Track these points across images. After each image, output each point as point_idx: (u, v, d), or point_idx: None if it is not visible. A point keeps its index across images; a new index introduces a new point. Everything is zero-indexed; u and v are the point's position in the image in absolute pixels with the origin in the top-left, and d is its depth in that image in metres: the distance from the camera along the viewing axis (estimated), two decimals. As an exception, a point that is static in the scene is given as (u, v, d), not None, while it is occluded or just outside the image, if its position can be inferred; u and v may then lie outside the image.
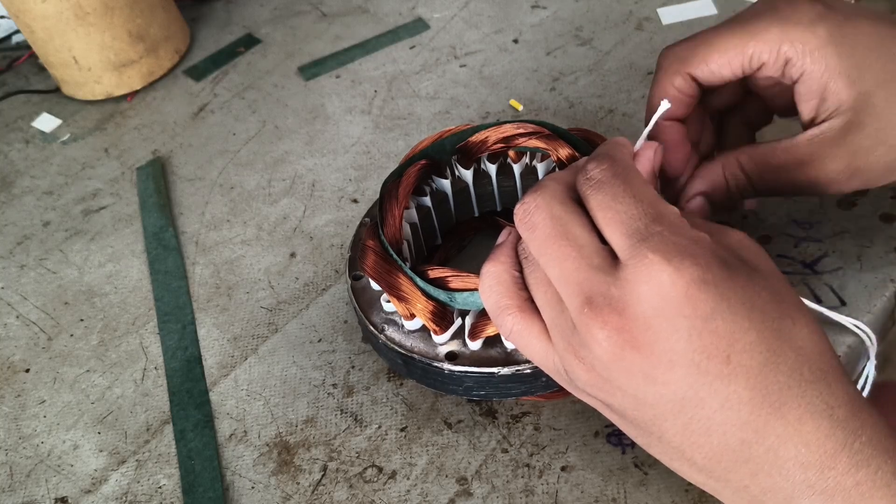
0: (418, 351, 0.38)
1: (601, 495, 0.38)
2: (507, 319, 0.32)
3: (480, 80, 0.63)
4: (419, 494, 0.40)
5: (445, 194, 0.46)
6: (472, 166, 0.45)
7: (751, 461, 0.27)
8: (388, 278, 0.38)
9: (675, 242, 0.27)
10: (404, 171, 0.42)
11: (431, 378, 0.39)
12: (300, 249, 0.53)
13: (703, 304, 0.26)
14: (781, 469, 0.26)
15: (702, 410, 0.27)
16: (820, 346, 0.28)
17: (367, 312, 0.41)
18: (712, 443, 0.27)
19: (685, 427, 0.27)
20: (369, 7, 0.74)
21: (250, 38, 0.74)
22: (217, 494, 0.41)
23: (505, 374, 0.37)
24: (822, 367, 0.27)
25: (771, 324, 0.27)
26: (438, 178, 0.45)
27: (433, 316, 0.37)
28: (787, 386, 0.26)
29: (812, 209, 0.47)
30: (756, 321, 0.27)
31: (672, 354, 0.26)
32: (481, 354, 0.37)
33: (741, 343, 0.26)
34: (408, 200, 0.42)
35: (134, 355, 0.50)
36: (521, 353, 0.37)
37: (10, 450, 0.46)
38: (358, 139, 0.61)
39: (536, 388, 0.37)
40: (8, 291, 0.56)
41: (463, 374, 0.37)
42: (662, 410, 0.28)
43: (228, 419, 0.45)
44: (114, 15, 0.65)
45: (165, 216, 0.58)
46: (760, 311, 0.27)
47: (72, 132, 0.68)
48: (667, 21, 0.64)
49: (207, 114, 0.67)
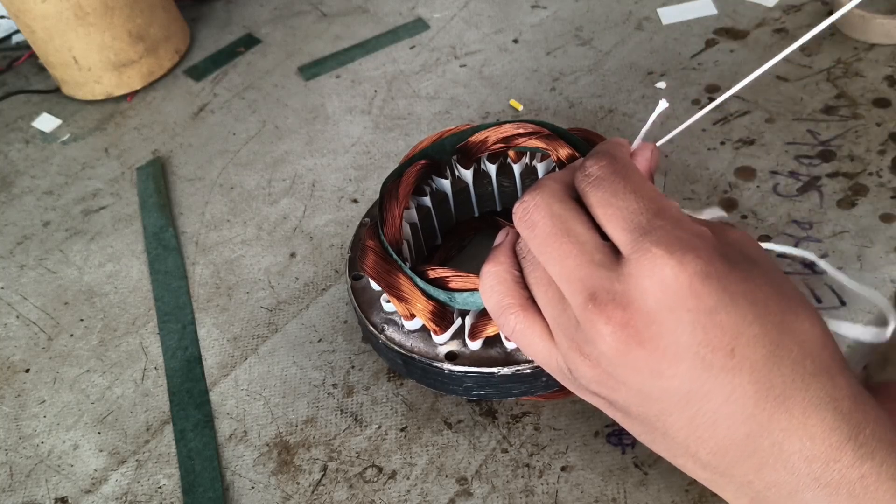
0: (418, 351, 0.38)
1: (601, 495, 0.38)
2: (509, 319, 0.31)
3: (480, 80, 0.63)
4: (419, 494, 0.40)
5: (445, 194, 0.46)
6: (472, 166, 0.45)
7: (756, 455, 0.27)
8: (387, 278, 0.38)
9: (678, 236, 0.27)
10: (404, 171, 0.42)
11: (431, 378, 0.39)
12: (300, 249, 0.53)
13: (706, 297, 0.26)
14: (786, 463, 0.26)
15: (707, 404, 0.27)
16: (823, 340, 0.28)
17: (367, 312, 0.41)
18: (717, 437, 0.27)
19: (690, 421, 0.27)
20: (369, 7, 0.74)
21: (250, 38, 0.74)
22: (217, 494, 0.41)
23: (505, 374, 0.37)
24: (825, 360, 0.27)
25: (773, 317, 0.27)
26: (438, 178, 0.45)
27: (433, 316, 0.37)
28: (791, 379, 0.26)
29: (812, 209, 0.47)
30: (759, 315, 0.27)
31: (677, 348, 0.26)
32: (481, 354, 0.37)
33: (745, 336, 0.26)
34: (408, 200, 0.42)
35: (134, 355, 0.50)
36: (521, 354, 0.37)
37: (10, 450, 0.46)
38: (358, 139, 0.61)
39: (536, 388, 0.37)
40: (8, 291, 0.56)
41: (463, 374, 0.37)
42: (668, 405, 0.27)
43: (228, 419, 0.45)
44: (114, 15, 0.65)
45: (165, 216, 0.58)
46: (763, 304, 0.27)
47: (72, 132, 0.68)
48: (667, 21, 0.64)
49: (207, 114, 0.67)
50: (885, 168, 0.48)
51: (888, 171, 0.48)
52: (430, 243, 0.47)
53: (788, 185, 0.49)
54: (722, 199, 0.49)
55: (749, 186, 0.49)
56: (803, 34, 0.62)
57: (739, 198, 0.49)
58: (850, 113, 0.52)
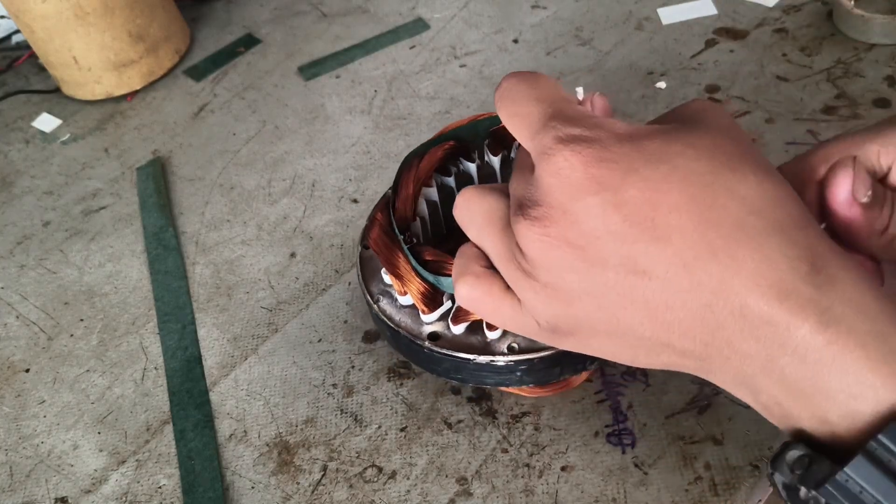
0: (405, 326, 0.39)
1: (601, 495, 0.38)
2: (461, 287, 0.32)
3: (480, 80, 0.63)
4: (419, 494, 0.40)
5: (471, 177, 0.46)
6: (501, 153, 0.45)
7: (722, 327, 0.26)
8: (388, 254, 0.39)
9: (569, 133, 0.28)
10: (428, 149, 0.43)
11: (414, 355, 0.39)
12: (300, 249, 0.53)
13: (608, 179, 0.26)
14: (753, 330, 0.25)
15: (651, 282, 0.26)
16: (775, 195, 0.26)
17: (367, 281, 0.41)
18: (679, 317, 0.26)
19: (646, 309, 0.27)
20: (369, 7, 0.74)
21: (250, 38, 0.74)
22: (217, 494, 0.41)
23: (479, 363, 0.37)
24: (779, 217, 0.26)
25: (699, 179, 0.26)
26: (466, 161, 0.45)
27: (423, 297, 0.38)
28: (735, 239, 0.25)
29: (812, 209, 0.47)
30: (681, 179, 0.26)
31: (596, 235, 0.26)
32: (462, 340, 0.38)
33: (664, 205, 0.26)
34: (428, 179, 0.42)
35: (134, 355, 0.50)
36: (498, 345, 0.37)
37: (10, 450, 0.46)
38: (358, 139, 0.61)
39: (511, 381, 0.38)
40: (8, 291, 0.56)
41: (441, 356, 0.38)
42: (617, 297, 0.27)
43: (228, 419, 0.45)
44: (114, 15, 0.65)
45: (165, 216, 0.58)
46: (683, 169, 0.26)
47: (72, 132, 0.68)
48: (667, 21, 0.64)
49: (207, 114, 0.67)
50: (885, 168, 0.48)
51: (888, 171, 0.48)
52: (452, 223, 0.47)
53: (788, 185, 0.49)
54: (722, 199, 0.49)
55: (749, 186, 0.49)
56: (803, 34, 0.62)
57: (739, 198, 0.49)
58: (850, 113, 0.52)
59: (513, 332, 0.37)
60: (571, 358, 0.36)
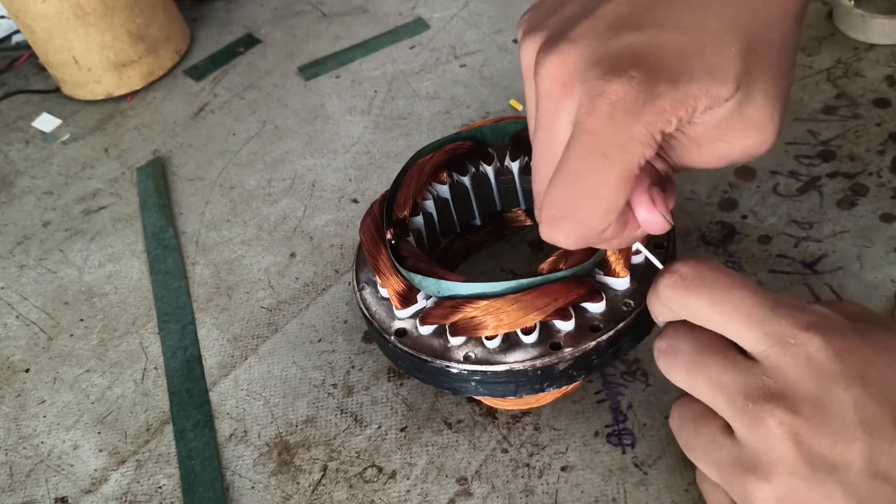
0: (378, 318, 0.39)
1: (601, 495, 0.38)
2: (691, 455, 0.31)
3: (480, 80, 0.63)
4: (419, 494, 0.40)
5: (488, 178, 0.45)
6: (521, 158, 0.44)
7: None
8: (372, 247, 0.39)
9: (808, 320, 0.27)
10: (441, 146, 0.42)
11: (383, 348, 0.39)
12: (300, 249, 0.53)
13: (853, 372, 0.26)
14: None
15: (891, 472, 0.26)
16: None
17: (358, 267, 0.41)
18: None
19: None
20: (369, 7, 0.74)
21: (250, 38, 0.74)
22: (217, 494, 0.41)
23: (436, 366, 0.37)
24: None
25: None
26: (484, 163, 0.44)
27: (398, 295, 0.38)
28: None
29: (812, 209, 0.47)
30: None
31: (844, 425, 0.26)
32: (425, 341, 0.37)
33: (892, 401, 0.26)
34: (437, 176, 0.42)
35: (134, 355, 0.50)
36: (455, 352, 0.36)
37: (10, 450, 0.46)
38: (358, 139, 0.61)
39: (467, 389, 0.37)
40: (8, 291, 0.56)
41: (403, 353, 0.37)
42: (852, 478, 0.26)
43: (228, 419, 0.45)
44: (114, 15, 0.65)
45: (165, 216, 0.58)
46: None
47: (72, 132, 0.68)
48: (667, 21, 0.64)
49: (207, 114, 0.67)
50: (885, 168, 0.48)
51: (888, 171, 0.48)
52: (466, 221, 0.47)
53: (788, 185, 0.49)
54: (722, 200, 0.49)
55: (749, 186, 0.49)
56: (803, 34, 0.62)
57: (739, 198, 0.49)
58: (850, 113, 0.52)
59: (474, 342, 0.36)
60: (527, 378, 0.36)
